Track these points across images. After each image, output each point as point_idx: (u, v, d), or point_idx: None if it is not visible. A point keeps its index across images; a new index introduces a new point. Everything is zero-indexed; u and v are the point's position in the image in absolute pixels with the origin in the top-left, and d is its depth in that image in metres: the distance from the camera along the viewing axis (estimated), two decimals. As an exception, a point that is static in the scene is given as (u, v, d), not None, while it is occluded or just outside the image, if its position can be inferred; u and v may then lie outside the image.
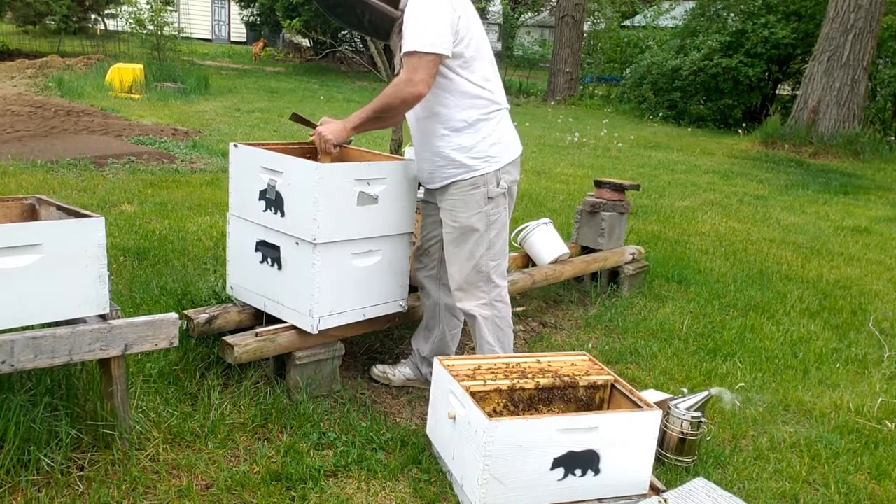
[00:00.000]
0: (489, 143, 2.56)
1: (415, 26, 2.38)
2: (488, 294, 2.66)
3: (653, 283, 4.50)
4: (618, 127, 13.58)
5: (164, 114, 10.01)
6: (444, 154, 2.57)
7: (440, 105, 2.52)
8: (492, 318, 2.67)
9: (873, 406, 3.09)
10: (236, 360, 2.51)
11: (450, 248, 2.66)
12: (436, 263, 2.85)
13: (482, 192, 2.57)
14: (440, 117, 2.54)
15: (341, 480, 2.26)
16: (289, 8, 18.25)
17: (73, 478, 2.08)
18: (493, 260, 2.64)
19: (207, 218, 4.92)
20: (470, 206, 2.58)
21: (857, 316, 4.29)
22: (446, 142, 2.55)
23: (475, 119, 2.54)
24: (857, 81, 12.11)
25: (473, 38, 2.49)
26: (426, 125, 2.58)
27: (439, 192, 2.65)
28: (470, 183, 2.56)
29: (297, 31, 12.22)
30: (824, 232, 6.60)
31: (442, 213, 2.67)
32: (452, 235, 2.64)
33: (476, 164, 2.55)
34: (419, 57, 2.36)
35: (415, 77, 2.36)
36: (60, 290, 1.99)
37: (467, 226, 2.60)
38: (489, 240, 2.62)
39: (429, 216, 2.82)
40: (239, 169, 2.70)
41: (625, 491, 2.22)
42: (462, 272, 2.64)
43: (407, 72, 2.37)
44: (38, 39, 18.44)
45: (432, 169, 2.62)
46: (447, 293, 2.86)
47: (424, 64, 2.36)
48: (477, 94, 2.53)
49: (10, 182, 5.45)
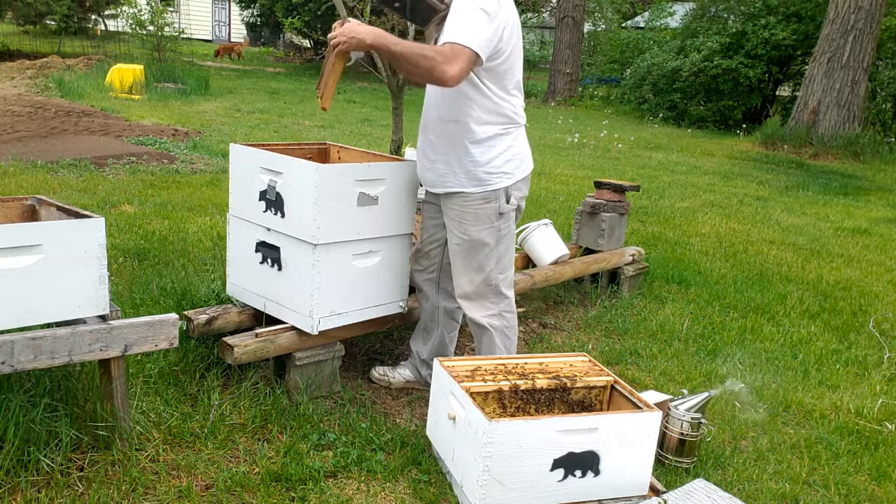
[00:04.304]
0: (504, 159, 2.51)
1: (463, 20, 2.29)
2: (497, 305, 2.65)
3: (653, 285, 4.50)
4: (618, 128, 13.59)
5: (165, 114, 10.02)
6: (459, 162, 2.51)
7: (464, 114, 2.47)
8: (500, 328, 2.66)
9: (873, 407, 3.09)
10: (236, 360, 2.51)
11: (457, 260, 2.63)
12: (435, 266, 2.84)
13: (493, 208, 2.53)
14: (463, 126, 2.48)
15: (341, 481, 2.26)
16: (289, 8, 18.26)
17: (73, 478, 2.08)
18: (502, 273, 2.63)
19: (207, 219, 4.92)
20: (480, 221, 2.54)
21: (857, 317, 4.29)
22: (464, 151, 2.50)
23: (495, 133, 2.49)
24: (857, 83, 12.12)
25: (512, 52, 2.44)
26: (449, 129, 2.51)
27: (445, 198, 2.62)
28: (482, 197, 2.52)
29: (298, 30, 12.23)
30: (824, 233, 6.60)
31: (448, 222, 2.63)
32: (461, 248, 2.60)
33: (489, 178, 2.51)
34: (461, 49, 2.26)
35: (452, 62, 2.25)
36: (60, 291, 1.99)
37: (477, 240, 2.56)
38: (499, 253, 2.59)
39: (430, 218, 2.79)
40: (239, 169, 2.70)
41: (625, 492, 2.22)
42: (471, 284, 2.62)
43: (446, 52, 2.25)
44: (39, 40, 18.46)
45: (444, 173, 2.56)
46: (446, 297, 2.85)
47: (464, 57, 2.27)
48: (501, 110, 2.48)
49: (11, 182, 5.45)
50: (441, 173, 2.57)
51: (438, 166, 2.58)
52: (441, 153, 2.55)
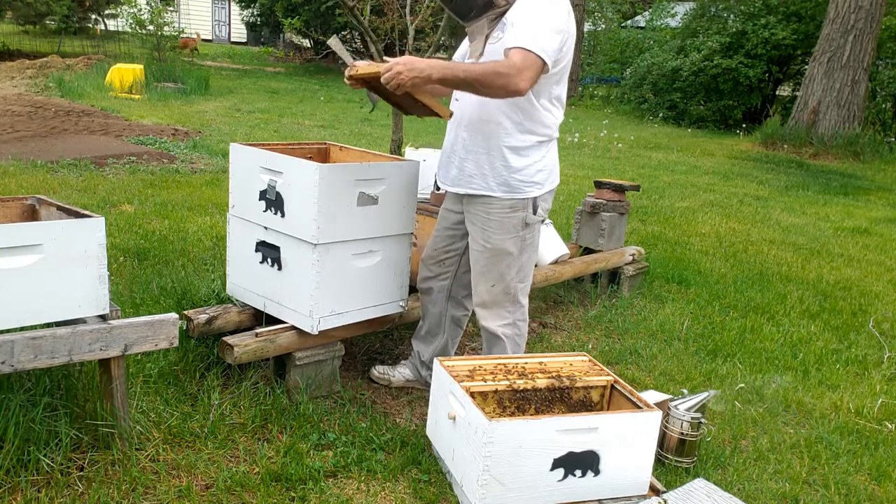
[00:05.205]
0: (536, 169, 2.48)
1: (535, 26, 2.25)
2: (513, 314, 2.63)
3: (653, 284, 4.50)
4: (618, 128, 13.59)
5: (165, 114, 10.02)
6: (491, 165, 2.46)
7: (507, 118, 2.41)
8: (513, 337, 2.65)
9: (873, 407, 3.09)
10: (236, 360, 2.51)
11: (478, 267, 2.59)
12: (449, 275, 2.80)
13: (520, 217, 2.50)
14: (503, 129, 2.42)
15: (341, 481, 2.26)
16: (289, 8, 18.26)
17: (73, 478, 2.08)
18: (522, 282, 2.61)
19: (207, 218, 4.92)
20: (506, 230, 2.51)
21: (857, 317, 4.29)
22: (499, 155, 2.45)
23: (535, 143, 2.46)
24: (857, 82, 12.12)
25: (566, 65, 2.41)
26: (487, 130, 2.44)
27: (468, 201, 2.56)
28: (509, 205, 2.48)
29: (298, 30, 12.22)
30: (824, 233, 6.60)
31: (471, 227, 2.59)
32: (483, 255, 2.56)
33: (520, 186, 2.47)
34: (534, 58, 2.21)
35: (524, 73, 2.19)
36: (60, 291, 1.98)
37: (501, 249, 2.53)
38: (521, 263, 2.57)
39: (448, 228, 2.72)
40: (239, 169, 2.70)
41: (625, 492, 2.22)
42: (490, 292, 2.59)
43: (517, 64, 2.20)
44: (39, 39, 18.46)
45: (472, 173, 2.49)
46: (455, 305, 2.85)
47: (535, 67, 2.23)
48: (544, 120, 2.45)
49: (11, 182, 5.45)
50: (469, 173, 2.51)
51: (467, 165, 2.51)
52: (472, 152, 2.49)
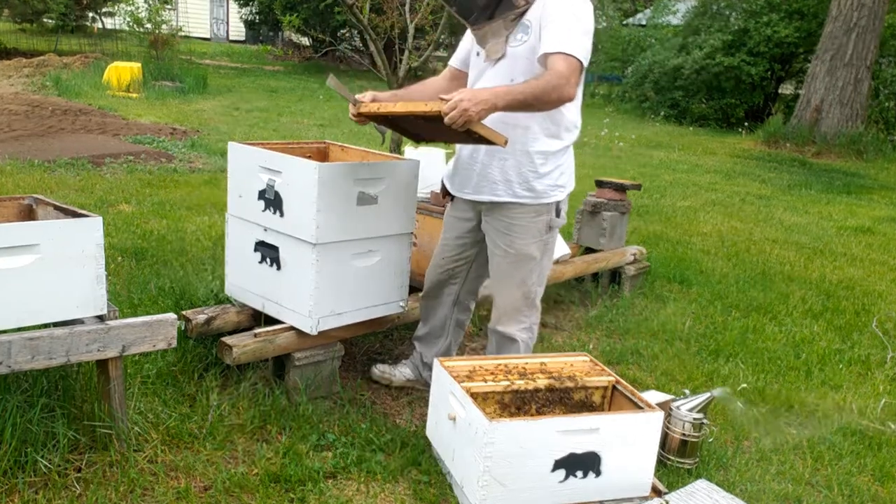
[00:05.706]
0: (560, 172, 2.47)
1: (570, 29, 2.23)
2: (529, 318, 2.62)
3: (654, 284, 4.48)
4: (619, 126, 13.58)
5: (163, 113, 10.00)
6: (518, 171, 2.42)
7: (536, 122, 2.38)
8: (527, 341, 2.64)
9: (876, 407, 3.08)
10: (235, 361, 2.49)
11: (500, 273, 2.57)
12: (458, 281, 2.78)
13: (544, 221, 2.48)
14: (531, 133, 2.39)
15: (341, 482, 2.24)
16: (287, 6, 18.23)
17: (71, 479, 2.07)
18: (541, 286, 2.61)
19: (206, 218, 4.90)
20: (530, 234, 2.48)
21: (860, 317, 4.27)
22: (527, 160, 2.41)
23: (560, 147, 2.44)
24: (860, 80, 12.10)
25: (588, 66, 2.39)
26: (514, 134, 2.35)
27: (488, 209, 2.52)
28: (534, 210, 2.46)
29: (297, 28, 12.20)
30: (827, 232, 6.59)
31: (491, 233, 2.55)
32: (505, 260, 2.53)
33: (546, 191, 2.45)
34: (576, 63, 2.20)
35: (572, 80, 2.19)
36: (58, 291, 1.97)
37: (525, 253, 2.50)
38: (542, 267, 2.56)
39: (460, 237, 2.69)
40: (237, 168, 2.68)
41: (626, 493, 2.20)
42: (510, 297, 2.57)
43: (565, 72, 2.18)
44: (36, 38, 18.44)
45: (497, 180, 2.45)
46: (461, 310, 2.85)
47: (578, 71, 2.22)
48: (568, 123, 2.44)
49: (8, 182, 5.44)
50: (493, 180, 2.46)
51: (491, 172, 2.46)
52: (497, 158, 2.44)
